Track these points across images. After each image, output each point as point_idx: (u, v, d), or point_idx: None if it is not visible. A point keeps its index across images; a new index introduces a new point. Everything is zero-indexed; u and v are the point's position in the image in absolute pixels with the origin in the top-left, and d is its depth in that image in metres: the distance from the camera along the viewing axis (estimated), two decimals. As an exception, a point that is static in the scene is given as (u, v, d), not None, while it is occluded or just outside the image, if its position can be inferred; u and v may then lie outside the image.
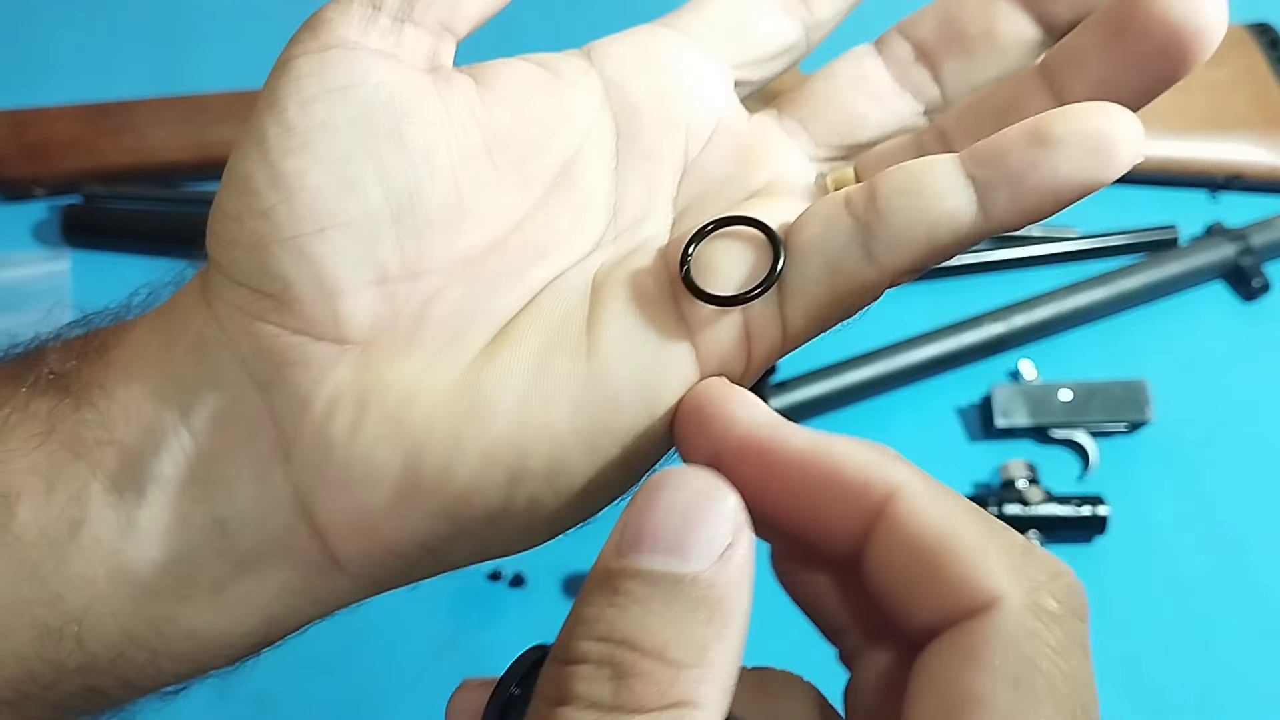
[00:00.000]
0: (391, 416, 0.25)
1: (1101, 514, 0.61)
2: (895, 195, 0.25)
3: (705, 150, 0.29)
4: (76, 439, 0.26)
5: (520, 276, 0.27)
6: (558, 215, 0.28)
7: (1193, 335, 0.69)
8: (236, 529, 0.25)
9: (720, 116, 0.29)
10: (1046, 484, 0.62)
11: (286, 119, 0.25)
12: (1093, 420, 0.64)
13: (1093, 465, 0.64)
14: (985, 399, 0.65)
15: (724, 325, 0.26)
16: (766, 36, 0.29)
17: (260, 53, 0.85)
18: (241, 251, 0.25)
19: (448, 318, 0.26)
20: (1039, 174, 0.24)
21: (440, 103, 0.26)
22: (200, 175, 0.70)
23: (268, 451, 0.25)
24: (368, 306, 0.25)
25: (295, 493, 0.25)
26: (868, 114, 0.29)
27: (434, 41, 0.26)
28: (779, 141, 0.29)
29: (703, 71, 0.29)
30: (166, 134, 0.69)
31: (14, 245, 0.68)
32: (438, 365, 0.25)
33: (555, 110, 0.28)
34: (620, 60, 0.29)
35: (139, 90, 0.72)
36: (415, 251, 0.26)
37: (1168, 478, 0.64)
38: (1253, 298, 0.70)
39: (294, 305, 0.25)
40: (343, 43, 0.25)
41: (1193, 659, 0.59)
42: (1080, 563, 0.61)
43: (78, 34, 0.76)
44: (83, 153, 0.69)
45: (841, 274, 0.25)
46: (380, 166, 0.25)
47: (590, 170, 0.28)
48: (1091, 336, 0.68)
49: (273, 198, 0.25)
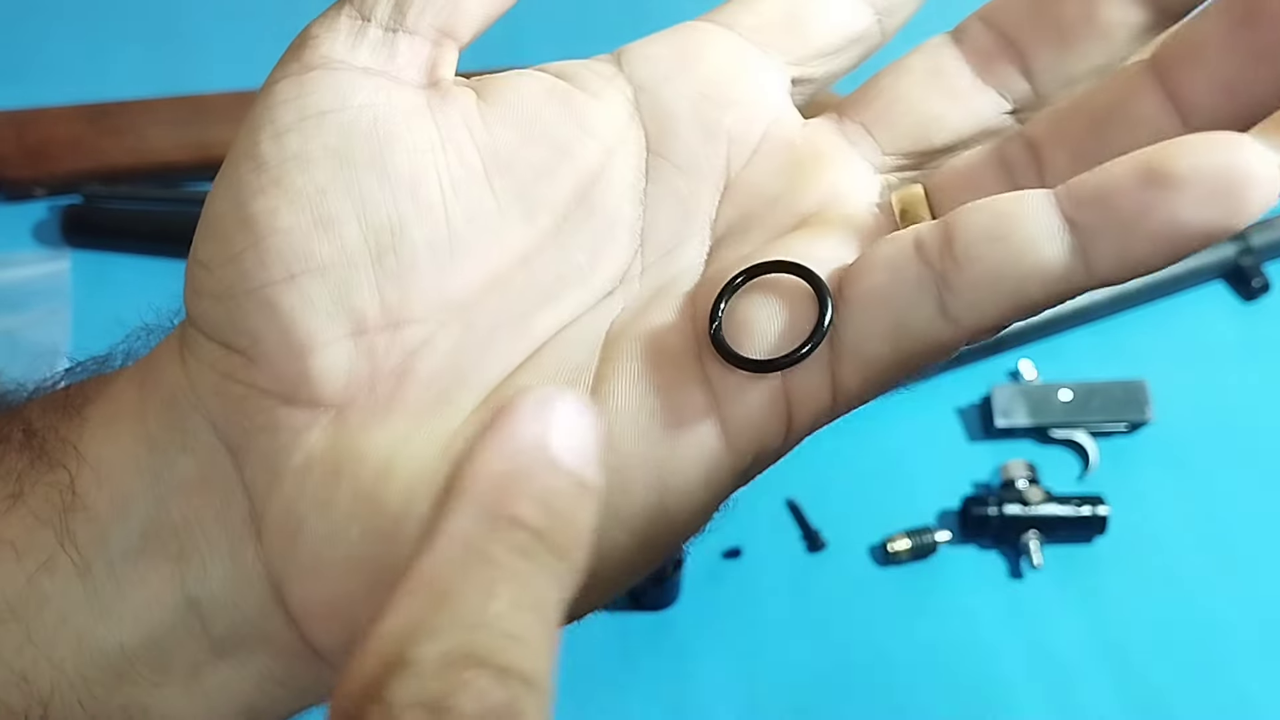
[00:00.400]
0: (366, 493, 0.22)
1: (1101, 514, 0.61)
2: (978, 242, 0.21)
3: (751, 163, 0.25)
4: (46, 504, 0.24)
5: (523, 324, 0.24)
6: (571, 249, 0.24)
7: (1193, 335, 0.69)
8: (210, 610, 0.23)
9: (770, 122, 0.25)
10: (1046, 484, 0.62)
11: (259, 153, 0.23)
12: (1093, 420, 0.64)
13: (1093, 465, 0.64)
14: (985, 399, 0.65)
15: (758, 392, 0.23)
16: (831, 25, 0.26)
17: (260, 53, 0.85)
18: (210, 303, 0.23)
19: (435, 374, 0.23)
20: (1154, 220, 0.20)
21: (433, 124, 0.24)
22: (200, 175, 0.69)
23: (239, 525, 0.23)
24: (343, 363, 0.23)
25: (267, 574, 0.23)
26: (944, 115, 0.25)
27: (432, 51, 0.24)
28: (838, 150, 0.25)
29: (751, 69, 0.25)
30: (166, 134, 0.69)
31: (14, 245, 0.68)
32: (421, 432, 0.23)
33: (571, 126, 0.24)
34: (654, 62, 0.25)
35: (139, 90, 0.71)
36: (398, 297, 0.23)
37: (1168, 478, 0.64)
38: (1253, 298, 0.70)
39: (261, 363, 0.23)
40: (326, 62, 0.23)
41: (1192, 659, 0.59)
42: (1080, 563, 0.62)
43: (78, 34, 0.76)
44: (83, 153, 0.69)
45: (909, 332, 0.22)
46: (359, 201, 0.23)
47: (613, 193, 0.25)
48: (1091, 336, 0.68)
49: (241, 242, 0.22)
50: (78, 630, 0.23)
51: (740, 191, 0.25)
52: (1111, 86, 0.23)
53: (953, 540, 0.62)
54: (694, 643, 0.59)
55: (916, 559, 0.61)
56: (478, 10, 0.24)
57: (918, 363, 0.23)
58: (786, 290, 0.23)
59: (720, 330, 0.23)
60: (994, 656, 0.59)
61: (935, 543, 0.61)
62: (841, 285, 0.23)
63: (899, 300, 0.22)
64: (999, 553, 0.62)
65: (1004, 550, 0.62)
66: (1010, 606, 0.61)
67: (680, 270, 0.25)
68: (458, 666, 0.16)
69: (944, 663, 0.59)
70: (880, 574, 0.62)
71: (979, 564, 0.62)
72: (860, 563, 0.62)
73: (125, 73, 0.73)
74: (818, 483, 0.63)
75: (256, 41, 0.74)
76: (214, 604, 0.23)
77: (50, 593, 0.23)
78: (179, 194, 0.69)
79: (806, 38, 0.26)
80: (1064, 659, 0.59)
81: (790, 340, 0.22)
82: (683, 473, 0.22)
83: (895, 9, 0.26)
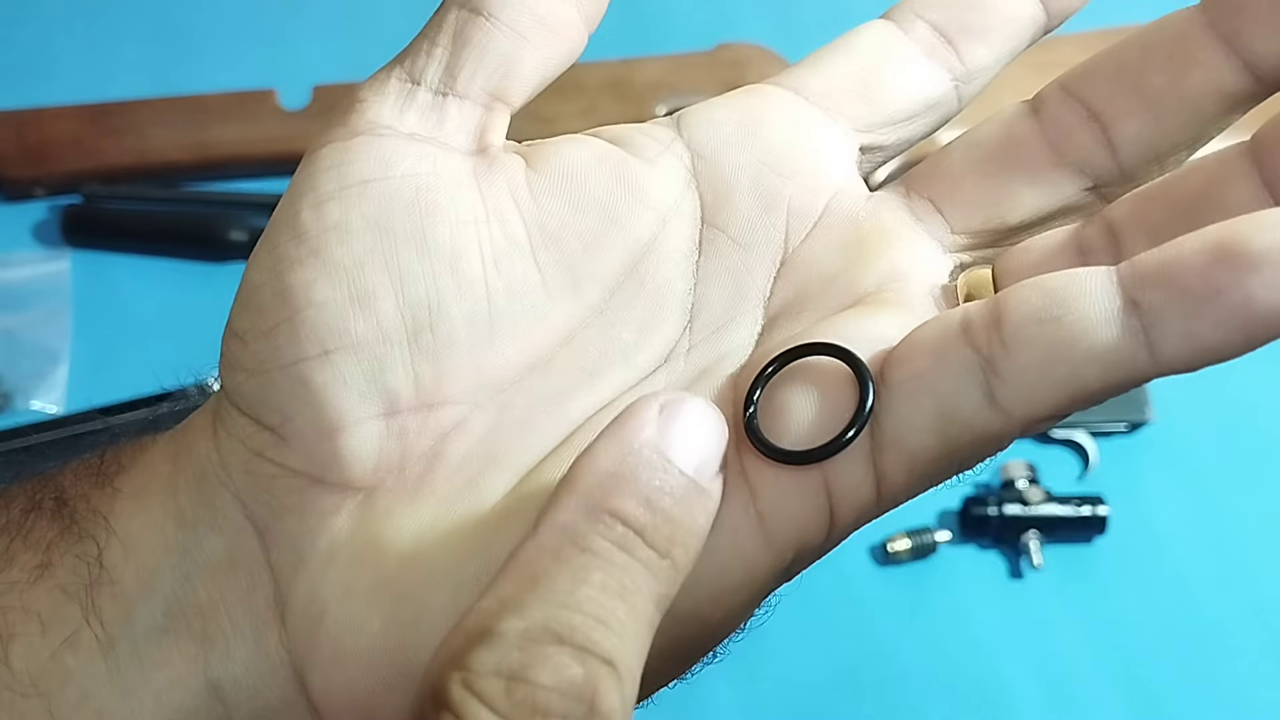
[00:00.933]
0: (389, 582, 0.21)
1: (1101, 514, 0.61)
2: (1028, 324, 0.19)
3: (810, 238, 0.24)
4: (74, 576, 0.23)
5: (562, 404, 0.23)
6: (618, 325, 0.23)
7: (1193, 335, 0.69)
8: (232, 695, 0.23)
9: (833, 195, 0.24)
10: (1046, 484, 0.62)
11: (299, 222, 0.22)
12: (1093, 420, 0.64)
13: (1093, 465, 0.64)
14: (985, 399, 0.65)
15: (797, 485, 0.21)
16: (903, 91, 0.24)
17: (260, 53, 0.86)
18: (244, 377, 0.22)
19: (466, 458, 0.22)
20: (1226, 302, 0.18)
21: (478, 195, 0.23)
22: (200, 175, 0.69)
23: (264, 609, 0.22)
24: (373, 444, 0.22)
25: (291, 660, 0.22)
26: (1019, 191, 0.23)
27: (483, 116, 0.23)
28: (904, 227, 0.24)
29: (816, 136, 0.24)
30: (166, 134, 0.69)
31: (14, 245, 0.68)
32: (448, 518, 0.22)
33: (624, 195, 0.23)
34: (714, 127, 0.24)
35: (139, 90, 0.71)
36: (433, 376, 0.22)
37: (1168, 478, 0.64)
38: (1253, 298, 0.69)
39: (292, 441, 0.22)
40: (372, 128, 0.22)
41: (1193, 659, 0.59)
42: (1080, 563, 0.62)
43: (78, 34, 0.76)
44: (83, 153, 0.69)
45: (956, 422, 0.20)
46: (397, 276, 0.22)
47: (665, 266, 0.24)
48: (1091, 336, 0.68)
49: (276, 315, 0.22)
50: (99, 709, 0.23)
51: (797, 268, 0.24)
52: (1202, 169, 0.21)
53: (953, 540, 0.62)
54: (694, 643, 0.59)
55: (916, 559, 0.61)
56: (532, 73, 0.23)
57: (968, 456, 0.21)
58: (828, 375, 0.21)
59: (755, 419, 0.21)
60: (994, 656, 0.59)
61: (935, 542, 0.61)
62: (884, 370, 0.21)
63: (943, 387, 0.20)
64: (999, 553, 0.62)
65: (1004, 550, 0.62)
66: (1010, 606, 0.61)
67: (729, 349, 0.23)
68: (540, 642, 0.16)
69: (944, 663, 0.59)
70: (880, 574, 0.62)
71: (979, 564, 0.62)
72: (860, 562, 0.62)
73: (125, 73, 0.73)
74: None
75: (256, 41, 0.74)
76: (236, 689, 0.23)
77: (73, 669, 0.23)
78: (179, 194, 0.69)
79: (878, 104, 0.24)
80: (1064, 659, 0.59)
81: (829, 430, 0.21)
82: (719, 572, 0.21)
83: (974, 75, 0.24)
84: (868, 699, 0.58)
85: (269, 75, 0.70)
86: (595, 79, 0.70)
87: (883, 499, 0.21)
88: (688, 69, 0.70)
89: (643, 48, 0.71)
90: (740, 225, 0.24)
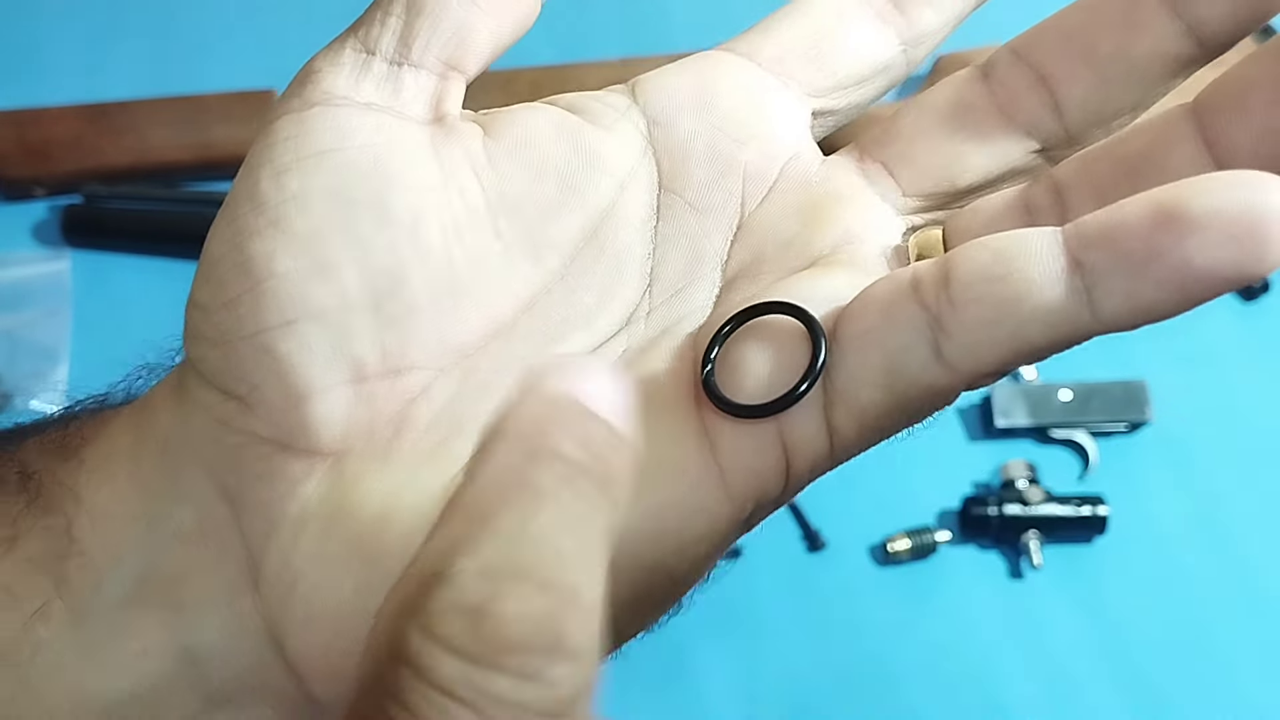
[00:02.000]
0: (360, 544, 0.22)
1: (1101, 514, 0.61)
2: (975, 282, 0.20)
3: (766, 201, 0.24)
4: (43, 548, 0.23)
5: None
6: (579, 290, 0.24)
7: (1193, 335, 0.69)
8: (206, 659, 0.23)
9: (787, 159, 0.25)
10: (1046, 484, 0.62)
11: (258, 192, 0.22)
12: (1093, 420, 0.64)
13: (1093, 465, 0.64)
14: (985, 399, 0.65)
15: (753, 439, 0.22)
16: (854, 55, 0.25)
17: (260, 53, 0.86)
18: (208, 348, 0.22)
19: (433, 422, 0.23)
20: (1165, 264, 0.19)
21: (435, 163, 0.23)
22: (200, 175, 0.69)
23: (237, 576, 0.23)
24: (341, 410, 0.22)
25: (266, 624, 0.22)
26: (969, 154, 0.24)
27: (438, 84, 0.23)
28: (857, 190, 0.24)
29: (770, 102, 0.24)
30: (166, 134, 0.69)
31: (14, 245, 0.68)
32: (417, 480, 0.22)
33: (581, 162, 0.24)
34: (669, 94, 0.25)
35: (139, 90, 0.71)
36: (398, 343, 0.22)
37: (1168, 478, 0.64)
38: (1253, 298, 0.70)
39: (259, 409, 0.22)
40: (328, 98, 0.23)
41: (1192, 659, 0.59)
42: (1080, 563, 0.62)
43: (78, 34, 0.76)
44: (83, 153, 0.69)
45: (904, 377, 0.21)
46: (358, 245, 0.22)
47: (623, 231, 0.24)
48: (1091, 336, 0.68)
49: (238, 287, 0.22)
50: (71, 679, 0.23)
51: (753, 231, 0.24)
52: (1146, 131, 0.22)
53: (953, 540, 0.62)
54: (694, 643, 0.59)
55: (916, 559, 0.61)
56: (486, 42, 0.24)
57: (917, 409, 0.21)
58: (782, 333, 0.22)
59: (712, 376, 0.22)
60: (994, 656, 0.59)
61: (935, 543, 0.61)
62: (836, 327, 0.22)
63: (892, 343, 0.21)
64: (999, 553, 0.62)
65: (1004, 550, 0.62)
66: (1010, 606, 0.61)
67: (688, 311, 0.24)
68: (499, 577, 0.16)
69: (944, 663, 0.59)
70: (880, 574, 0.62)
71: (979, 564, 0.62)
72: (860, 563, 0.62)
73: (125, 73, 0.73)
74: (818, 483, 0.63)
75: (256, 41, 0.74)
76: (210, 654, 0.23)
77: (44, 640, 0.23)
78: (179, 194, 0.69)
79: (829, 69, 0.25)
80: (1064, 659, 0.59)
81: (784, 385, 0.21)
82: (682, 524, 0.22)
83: (922, 39, 0.25)
84: (868, 699, 0.58)
85: (269, 75, 0.70)
86: (595, 79, 0.69)
87: (835, 451, 0.22)
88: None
89: (642, 48, 0.71)
90: (697, 190, 0.24)
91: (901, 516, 0.62)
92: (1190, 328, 0.69)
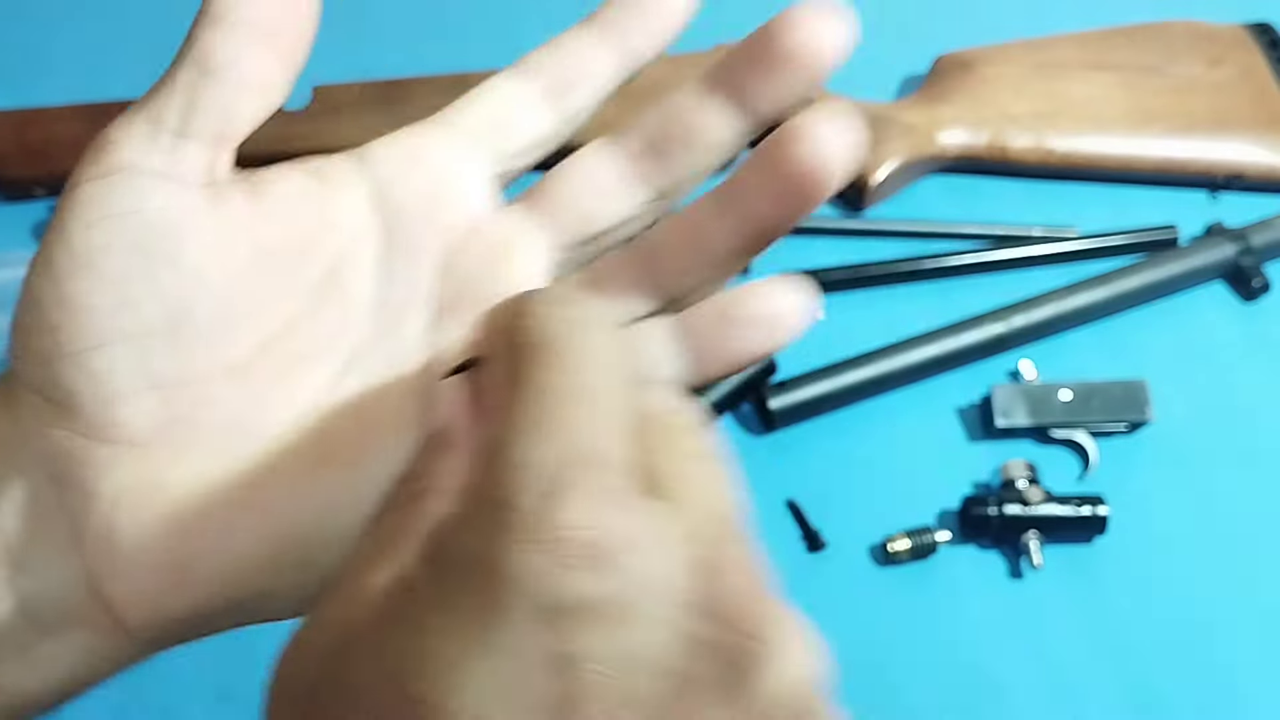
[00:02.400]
0: (168, 514, 0.28)
1: (1101, 514, 0.61)
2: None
3: (460, 249, 0.31)
4: None
5: (287, 382, 0.29)
6: (324, 320, 0.30)
7: (1193, 335, 0.69)
8: (37, 603, 0.28)
9: (475, 214, 0.31)
10: (1046, 484, 0.62)
11: (72, 243, 0.27)
12: (1093, 420, 0.64)
13: (1093, 465, 0.64)
14: (985, 399, 0.65)
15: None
16: (525, 129, 0.31)
17: (260, 53, 0.83)
18: (32, 365, 0.28)
19: (220, 423, 0.29)
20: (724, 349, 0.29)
21: (213, 222, 0.28)
22: (200, 175, 0.69)
23: (64, 540, 0.28)
24: (145, 411, 0.28)
25: (88, 575, 0.28)
26: (595, 211, 0.31)
27: (211, 154, 0.29)
28: (521, 238, 0.31)
29: (460, 169, 0.31)
30: (166, 134, 0.69)
31: (14, 245, 0.68)
32: (213, 467, 0.28)
33: (321, 218, 0.30)
34: (387, 162, 0.31)
35: (139, 90, 0.71)
36: (188, 361, 0.28)
37: (1168, 478, 0.64)
38: (1253, 298, 0.70)
39: (77, 412, 0.28)
40: (124, 167, 0.28)
41: (1193, 659, 0.59)
42: (1080, 563, 0.62)
43: (78, 34, 0.76)
44: (83, 153, 0.69)
45: None
46: (156, 286, 0.28)
47: (356, 273, 0.30)
48: (1091, 336, 0.68)
49: (58, 316, 0.27)
50: None
51: (454, 274, 0.31)
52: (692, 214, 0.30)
53: (953, 540, 0.62)
54: (694, 643, 0.59)
55: (916, 559, 0.62)
56: (248, 118, 0.29)
57: None
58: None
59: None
60: (994, 656, 0.60)
61: (935, 543, 0.61)
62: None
63: None
64: (999, 553, 0.62)
65: (1004, 550, 0.62)
66: (1010, 606, 0.61)
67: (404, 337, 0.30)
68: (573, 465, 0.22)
69: (944, 663, 0.59)
70: (880, 574, 0.62)
71: (979, 564, 0.62)
72: (860, 563, 0.62)
73: (125, 73, 0.73)
74: (818, 483, 0.63)
75: (256, 41, 0.74)
76: (41, 598, 0.28)
77: None
78: (179, 194, 0.69)
79: (508, 138, 0.31)
80: (1064, 659, 0.59)
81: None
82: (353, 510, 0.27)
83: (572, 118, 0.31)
84: (868, 699, 0.58)
85: (269, 75, 0.70)
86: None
87: None
88: (686, 69, 0.70)
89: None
90: (408, 241, 0.30)
91: (901, 516, 0.62)
92: (1190, 328, 0.69)
